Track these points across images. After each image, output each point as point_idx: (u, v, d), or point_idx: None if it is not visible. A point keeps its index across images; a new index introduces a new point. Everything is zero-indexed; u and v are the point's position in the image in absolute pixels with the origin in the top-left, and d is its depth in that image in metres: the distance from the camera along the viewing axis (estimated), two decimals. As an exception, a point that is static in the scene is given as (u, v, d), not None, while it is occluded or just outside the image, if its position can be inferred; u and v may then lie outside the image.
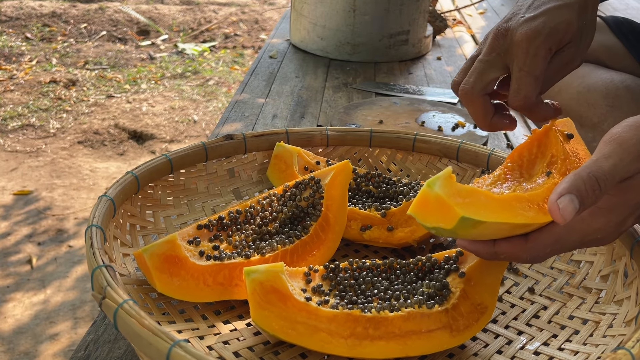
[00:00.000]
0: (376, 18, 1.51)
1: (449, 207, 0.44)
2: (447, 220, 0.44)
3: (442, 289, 0.53)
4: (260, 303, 0.49)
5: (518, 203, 0.46)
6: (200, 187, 0.72)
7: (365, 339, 0.49)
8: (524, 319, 0.58)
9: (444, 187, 0.44)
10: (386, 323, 0.50)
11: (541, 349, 0.54)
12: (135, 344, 0.44)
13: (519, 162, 0.55)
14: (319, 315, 0.49)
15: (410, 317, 0.50)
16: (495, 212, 0.44)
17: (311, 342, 0.49)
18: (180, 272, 0.54)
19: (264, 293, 0.49)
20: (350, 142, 0.81)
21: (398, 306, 0.51)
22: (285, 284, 0.50)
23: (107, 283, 0.47)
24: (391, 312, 0.51)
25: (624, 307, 0.56)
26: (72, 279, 1.87)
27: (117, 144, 2.75)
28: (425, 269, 0.57)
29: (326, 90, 1.35)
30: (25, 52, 3.75)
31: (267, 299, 0.49)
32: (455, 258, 0.56)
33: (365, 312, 0.50)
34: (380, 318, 0.50)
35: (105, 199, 0.58)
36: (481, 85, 0.59)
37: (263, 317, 0.49)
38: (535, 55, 0.56)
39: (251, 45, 4.15)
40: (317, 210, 0.64)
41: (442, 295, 0.52)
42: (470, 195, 0.45)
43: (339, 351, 0.49)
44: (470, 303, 0.53)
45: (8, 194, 2.30)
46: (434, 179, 0.44)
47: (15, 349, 1.59)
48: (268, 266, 0.51)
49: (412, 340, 0.50)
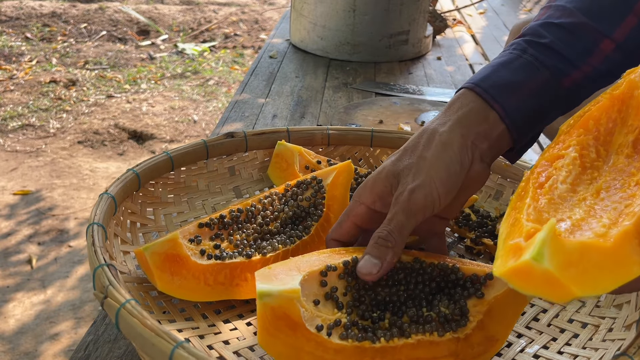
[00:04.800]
0: (376, 18, 1.51)
1: (560, 284, 0.35)
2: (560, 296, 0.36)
3: (460, 316, 0.50)
4: (268, 329, 0.46)
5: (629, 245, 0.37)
6: (201, 185, 0.72)
7: None
8: (524, 322, 0.58)
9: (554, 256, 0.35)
10: (393, 352, 0.48)
11: (540, 352, 0.54)
12: (137, 344, 0.44)
13: (594, 133, 0.46)
14: (327, 347, 0.47)
15: (419, 345, 0.48)
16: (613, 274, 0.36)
17: None
18: (182, 271, 0.54)
19: (275, 319, 0.46)
20: (351, 141, 0.81)
21: (408, 332, 0.49)
22: (298, 312, 0.47)
23: (109, 282, 0.47)
24: (401, 337, 0.48)
25: (623, 311, 0.56)
26: (72, 279, 1.87)
27: (117, 144, 2.75)
28: (448, 280, 0.54)
29: (326, 90, 1.35)
30: (25, 52, 3.75)
31: (276, 325, 0.46)
32: (484, 281, 0.52)
33: (374, 342, 0.48)
34: (389, 347, 0.48)
35: (107, 196, 0.58)
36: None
37: (270, 343, 0.46)
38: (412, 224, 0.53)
39: (251, 45, 4.15)
40: (318, 210, 0.64)
41: (458, 322, 0.50)
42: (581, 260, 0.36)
43: None
44: (484, 335, 0.50)
45: (8, 194, 2.30)
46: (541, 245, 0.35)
47: (16, 349, 1.59)
48: (283, 291, 0.47)
49: None
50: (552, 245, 0.35)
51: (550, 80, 0.55)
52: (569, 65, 0.55)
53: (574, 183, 0.44)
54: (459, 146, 0.54)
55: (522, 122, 0.55)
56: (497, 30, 2.04)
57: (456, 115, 0.56)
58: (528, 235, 0.38)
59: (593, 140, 0.46)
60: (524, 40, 0.57)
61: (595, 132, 0.46)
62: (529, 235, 0.38)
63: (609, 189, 0.43)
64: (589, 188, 0.44)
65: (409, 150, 0.56)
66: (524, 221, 0.40)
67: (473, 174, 0.55)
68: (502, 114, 0.55)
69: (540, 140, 1.13)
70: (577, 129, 0.47)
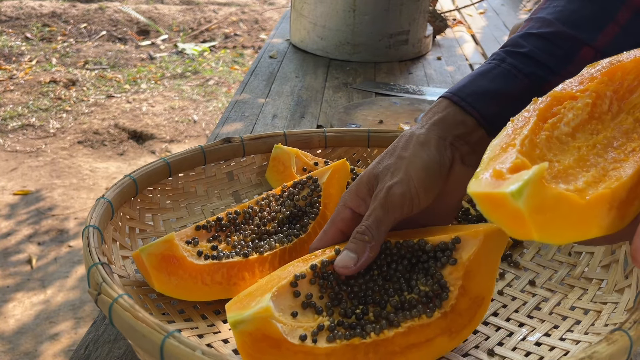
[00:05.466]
0: (376, 18, 1.51)
1: (525, 223, 0.35)
2: (519, 234, 0.36)
3: (441, 290, 0.50)
4: (252, 355, 0.44)
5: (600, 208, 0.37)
6: (199, 190, 0.73)
7: None
8: (525, 311, 0.58)
9: (530, 199, 0.35)
10: (386, 344, 0.47)
11: (542, 340, 0.54)
12: (130, 337, 0.44)
13: (616, 85, 0.45)
14: (317, 355, 0.46)
15: (410, 331, 0.48)
16: (576, 230, 0.37)
17: None
18: (178, 271, 0.55)
19: (255, 344, 0.44)
20: (349, 142, 0.81)
21: (397, 321, 0.48)
22: (276, 329, 0.45)
23: (103, 279, 0.47)
24: (391, 328, 0.48)
25: (625, 296, 0.56)
26: (72, 279, 1.87)
27: (117, 144, 2.75)
28: (420, 253, 0.53)
29: (326, 90, 1.35)
30: (25, 52, 3.76)
31: (258, 349, 0.44)
32: (452, 246, 0.52)
33: (365, 337, 0.47)
34: (380, 340, 0.47)
35: (103, 201, 0.59)
36: None
37: None
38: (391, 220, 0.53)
39: (251, 45, 4.16)
40: (315, 208, 0.65)
41: (440, 297, 0.50)
42: (553, 208, 0.36)
43: None
44: (469, 298, 0.50)
45: (8, 194, 2.30)
46: (524, 185, 0.35)
47: (16, 349, 1.59)
48: (254, 312, 0.45)
49: (412, 354, 0.48)
50: (534, 189, 0.35)
51: (530, 87, 0.56)
52: (548, 72, 0.56)
53: (576, 128, 0.44)
54: (436, 145, 0.55)
55: None
56: (497, 30, 2.04)
57: (432, 119, 0.57)
58: (515, 168, 0.38)
59: (612, 92, 0.45)
60: (503, 50, 0.58)
61: (619, 84, 0.45)
62: (516, 167, 0.38)
63: (605, 145, 0.43)
64: (588, 138, 0.43)
65: (388, 153, 0.57)
66: (516, 151, 0.39)
67: (457, 176, 0.55)
68: (479, 119, 0.55)
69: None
70: (603, 76, 0.45)
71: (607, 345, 0.41)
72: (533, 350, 0.53)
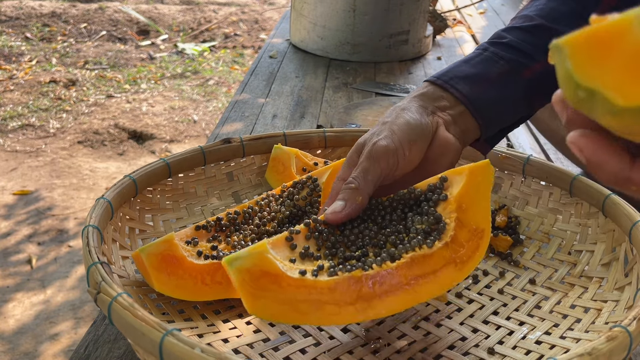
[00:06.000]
0: (376, 18, 1.51)
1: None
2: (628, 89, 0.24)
3: (437, 223, 0.50)
4: (253, 293, 0.43)
5: None
6: (199, 191, 0.73)
7: (374, 298, 0.45)
8: (526, 310, 0.58)
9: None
10: (390, 276, 0.46)
11: (543, 338, 0.54)
12: (129, 336, 0.44)
13: None
14: (319, 288, 0.45)
15: (413, 262, 0.47)
16: None
17: (318, 318, 0.44)
18: (178, 271, 0.55)
19: (254, 280, 0.44)
20: (349, 142, 0.81)
21: (398, 253, 0.47)
22: (274, 264, 0.45)
23: (102, 278, 0.47)
24: (392, 261, 0.47)
25: (625, 294, 0.56)
26: (72, 279, 1.87)
27: (117, 144, 2.75)
28: (411, 202, 0.54)
29: (326, 90, 1.35)
30: (25, 52, 3.76)
31: (259, 285, 0.44)
32: (440, 186, 0.53)
33: (366, 269, 0.46)
34: (385, 273, 0.46)
35: (103, 201, 0.59)
36: None
37: (261, 307, 0.43)
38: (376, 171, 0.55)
39: (251, 45, 4.16)
40: (314, 208, 0.65)
41: (438, 229, 0.50)
42: None
43: (349, 319, 0.45)
44: (467, 230, 0.50)
45: (8, 194, 2.30)
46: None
47: (16, 349, 1.59)
48: (250, 249, 0.44)
49: (420, 286, 0.47)
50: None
51: (510, 71, 0.60)
52: (527, 58, 0.61)
53: None
54: (417, 110, 0.58)
55: (486, 110, 0.59)
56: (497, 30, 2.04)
57: (413, 94, 0.62)
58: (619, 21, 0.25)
59: None
60: (487, 42, 0.64)
61: None
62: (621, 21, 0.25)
63: None
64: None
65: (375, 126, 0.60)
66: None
67: (441, 142, 0.58)
68: (459, 96, 0.59)
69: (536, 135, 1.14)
70: None
71: (606, 342, 0.41)
72: (533, 348, 0.53)
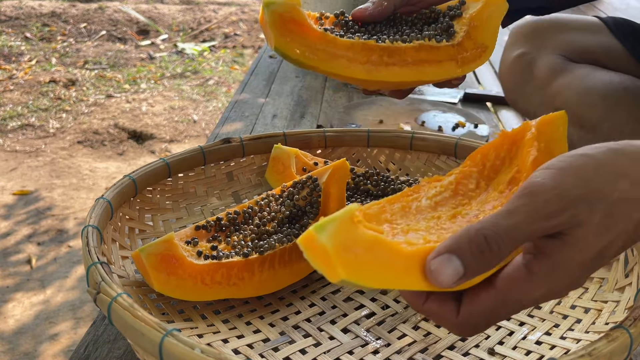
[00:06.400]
0: (375, 18, 1.51)
1: (331, 263, 0.34)
2: (331, 275, 0.35)
3: (448, 29, 0.60)
4: (282, 31, 0.53)
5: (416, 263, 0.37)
6: (199, 190, 0.72)
7: (381, 65, 0.56)
8: (526, 310, 0.58)
9: (336, 235, 0.35)
10: (399, 52, 0.57)
11: (543, 339, 0.54)
12: (129, 336, 0.44)
13: (479, 166, 0.47)
14: (337, 44, 0.55)
15: (421, 48, 0.58)
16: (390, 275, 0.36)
17: (331, 66, 0.55)
18: (178, 271, 0.55)
19: (284, 23, 0.54)
20: (348, 142, 0.81)
21: (409, 39, 0.58)
22: (303, 16, 0.55)
23: (102, 278, 0.47)
24: (403, 42, 0.57)
25: (625, 294, 0.56)
26: (72, 279, 1.87)
27: (116, 144, 2.75)
28: (431, 20, 0.62)
29: (326, 90, 1.35)
30: (24, 52, 3.75)
31: (287, 27, 0.54)
32: (458, 6, 0.62)
33: (379, 42, 0.56)
34: (394, 48, 0.57)
35: (102, 201, 0.59)
36: None
37: (286, 43, 0.54)
38: None
39: (251, 45, 4.15)
40: (314, 208, 0.65)
41: (448, 33, 0.60)
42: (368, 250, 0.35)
43: (357, 74, 0.56)
44: (474, 43, 0.60)
45: (8, 194, 2.30)
46: (328, 220, 0.35)
47: (16, 350, 1.59)
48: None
49: (423, 67, 0.57)
50: (340, 226, 0.35)
51: None
52: None
53: (439, 203, 0.45)
54: None
55: None
56: (496, 30, 2.04)
57: None
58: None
59: (477, 173, 0.46)
60: None
61: (481, 165, 0.47)
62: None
63: (466, 215, 0.43)
64: (450, 210, 0.44)
65: None
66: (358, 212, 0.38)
67: None
68: None
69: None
70: (468, 160, 0.47)
71: (607, 343, 0.41)
72: (534, 349, 0.53)
